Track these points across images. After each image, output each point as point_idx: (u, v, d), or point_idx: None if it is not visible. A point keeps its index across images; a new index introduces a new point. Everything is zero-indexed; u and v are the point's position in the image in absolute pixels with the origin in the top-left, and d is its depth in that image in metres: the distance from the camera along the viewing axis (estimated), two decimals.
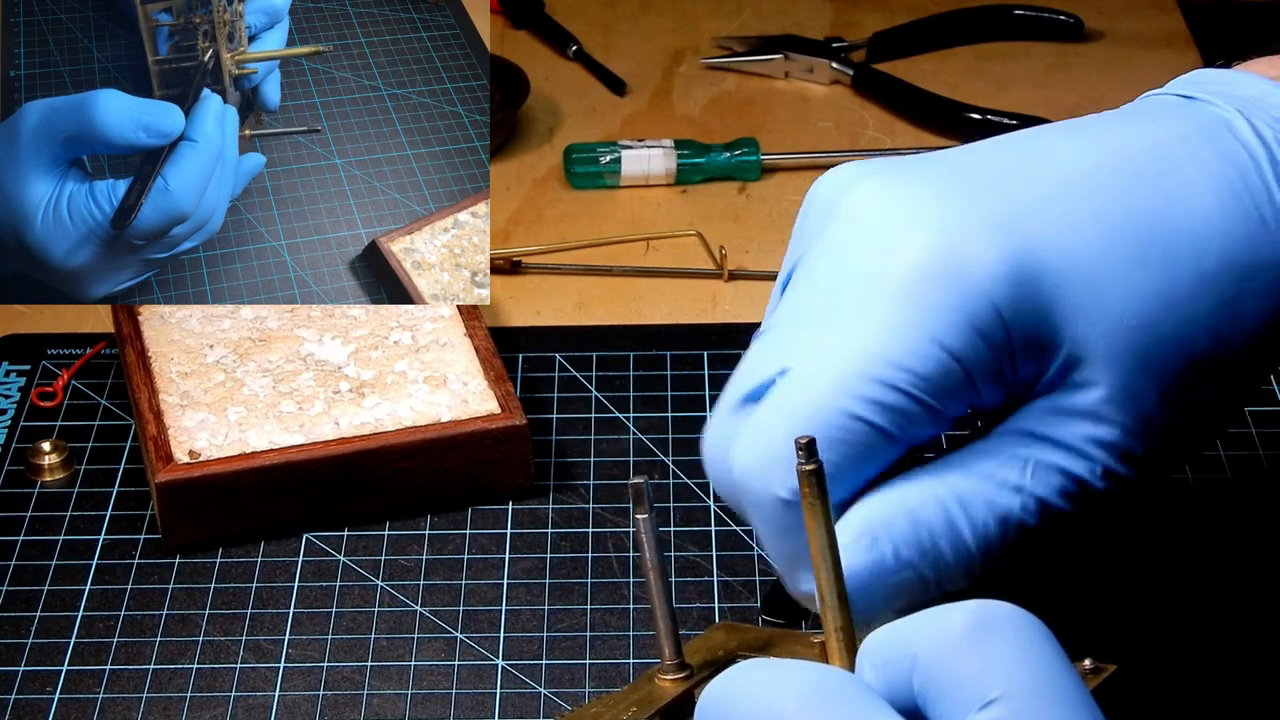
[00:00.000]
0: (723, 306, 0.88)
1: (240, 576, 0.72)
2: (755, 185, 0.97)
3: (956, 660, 0.46)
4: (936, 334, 0.54)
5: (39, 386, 0.82)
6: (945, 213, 0.55)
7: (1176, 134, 0.57)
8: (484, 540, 0.73)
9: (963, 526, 0.55)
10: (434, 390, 0.75)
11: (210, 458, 0.72)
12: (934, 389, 0.54)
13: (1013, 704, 0.44)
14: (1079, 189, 0.56)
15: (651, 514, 0.56)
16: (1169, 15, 1.12)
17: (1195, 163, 0.56)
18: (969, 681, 0.45)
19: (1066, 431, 0.55)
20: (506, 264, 0.90)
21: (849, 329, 0.55)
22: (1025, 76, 1.06)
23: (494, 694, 0.66)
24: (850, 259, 0.56)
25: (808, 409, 0.55)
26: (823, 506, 0.52)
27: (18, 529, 0.74)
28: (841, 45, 1.07)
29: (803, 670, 0.47)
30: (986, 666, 0.45)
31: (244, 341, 0.78)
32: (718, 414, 0.58)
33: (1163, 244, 0.55)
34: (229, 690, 0.66)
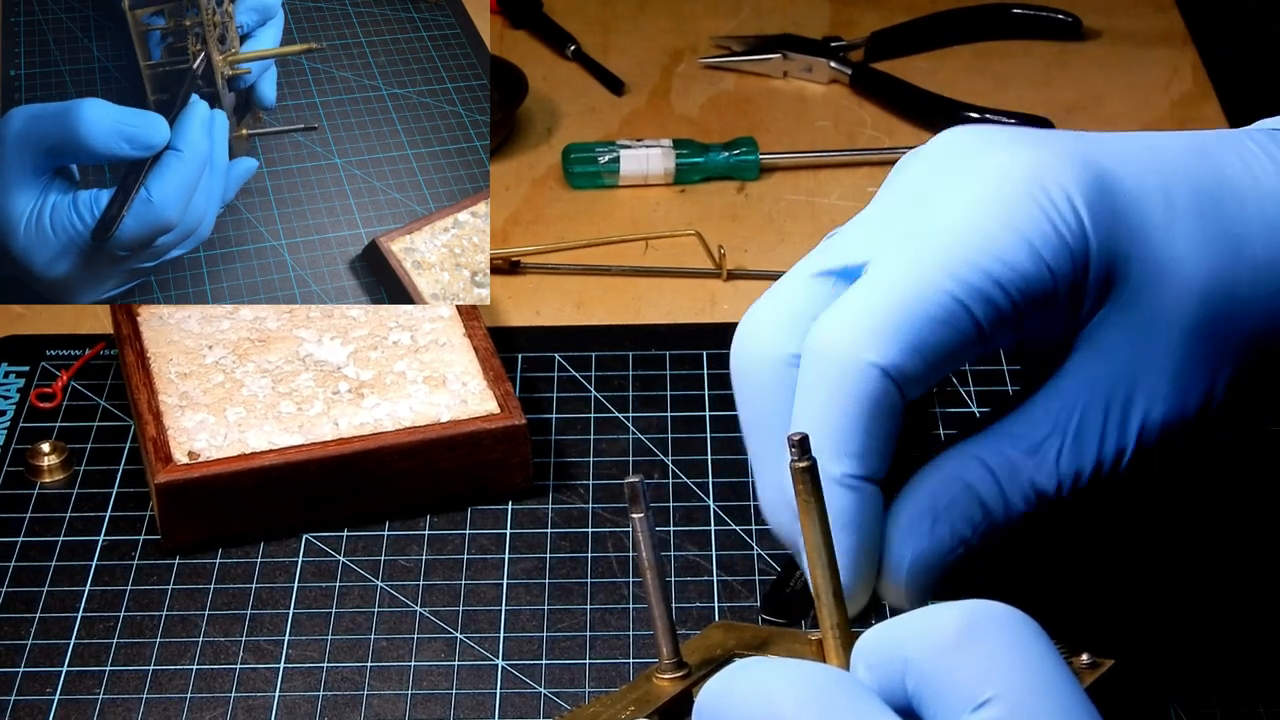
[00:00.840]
0: (721, 306, 0.88)
1: (240, 577, 0.72)
2: (754, 185, 0.97)
3: (949, 661, 0.45)
4: (1031, 238, 0.55)
5: (38, 387, 0.82)
6: (1030, 138, 0.57)
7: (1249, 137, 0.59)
8: (483, 540, 0.73)
9: (1014, 496, 0.55)
10: (433, 390, 0.75)
11: (210, 458, 0.72)
12: (1028, 292, 0.55)
13: (1006, 705, 0.44)
14: (1154, 149, 0.58)
15: (648, 513, 0.56)
16: (1167, 14, 1.12)
17: (1267, 156, 0.58)
18: (962, 683, 0.45)
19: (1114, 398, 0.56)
20: (505, 264, 0.90)
21: (947, 222, 0.55)
22: (1024, 75, 1.06)
23: (494, 694, 0.66)
24: (941, 169, 0.57)
25: (914, 285, 0.54)
26: (817, 504, 0.52)
27: (17, 530, 0.74)
28: (840, 44, 1.07)
29: (799, 669, 0.47)
30: (979, 667, 0.45)
31: (243, 342, 0.78)
32: (791, 281, 0.58)
33: (1229, 206, 0.57)
34: (229, 691, 0.67)
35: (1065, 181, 0.56)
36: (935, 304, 0.54)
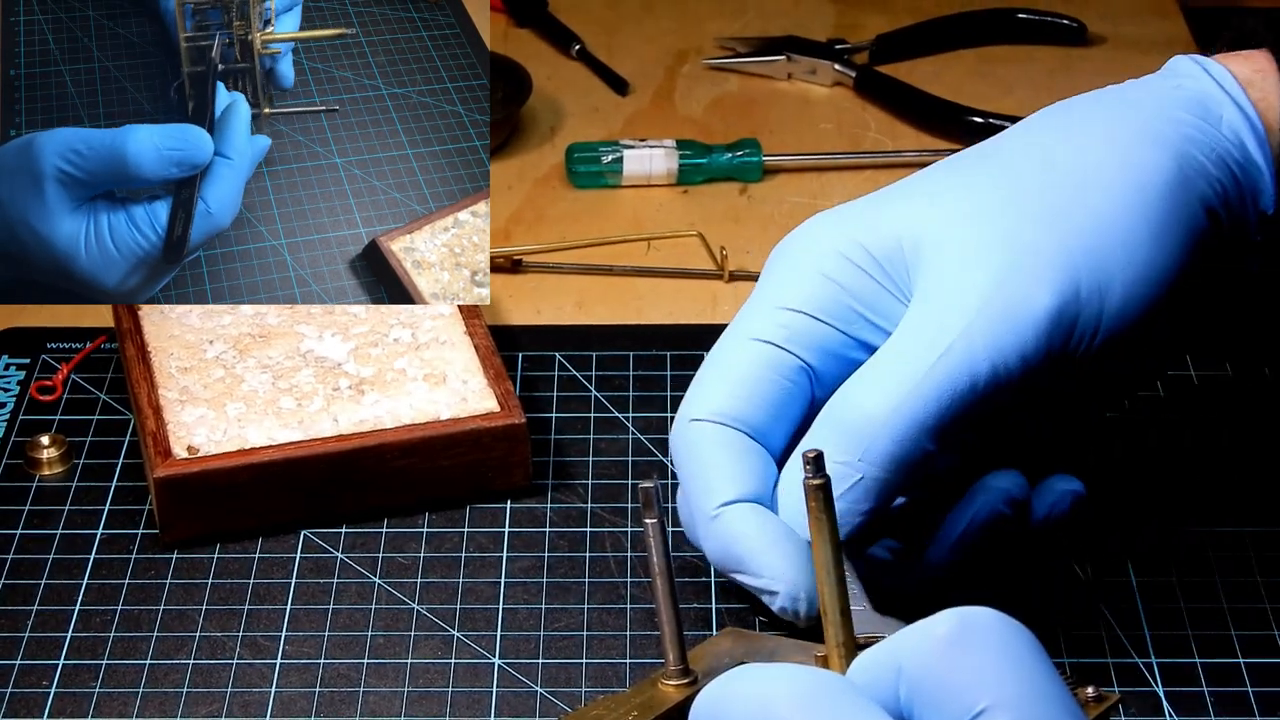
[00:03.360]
0: (723, 307, 0.88)
1: (238, 572, 0.72)
2: (756, 186, 0.97)
3: (942, 670, 0.45)
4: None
5: (38, 380, 0.82)
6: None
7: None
8: (482, 539, 0.73)
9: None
10: (433, 388, 0.75)
11: (209, 453, 0.72)
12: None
13: (1001, 715, 0.44)
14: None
15: (661, 518, 0.55)
16: (1171, 20, 1.12)
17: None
18: (956, 692, 0.45)
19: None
20: (507, 263, 0.90)
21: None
22: (1028, 80, 1.06)
23: (490, 692, 0.66)
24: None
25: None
26: (829, 521, 0.52)
27: (16, 523, 0.74)
28: (844, 47, 1.07)
29: (796, 672, 0.47)
30: (972, 676, 0.45)
31: (244, 337, 0.78)
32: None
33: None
34: (225, 686, 0.66)
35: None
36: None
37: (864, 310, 0.65)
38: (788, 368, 0.65)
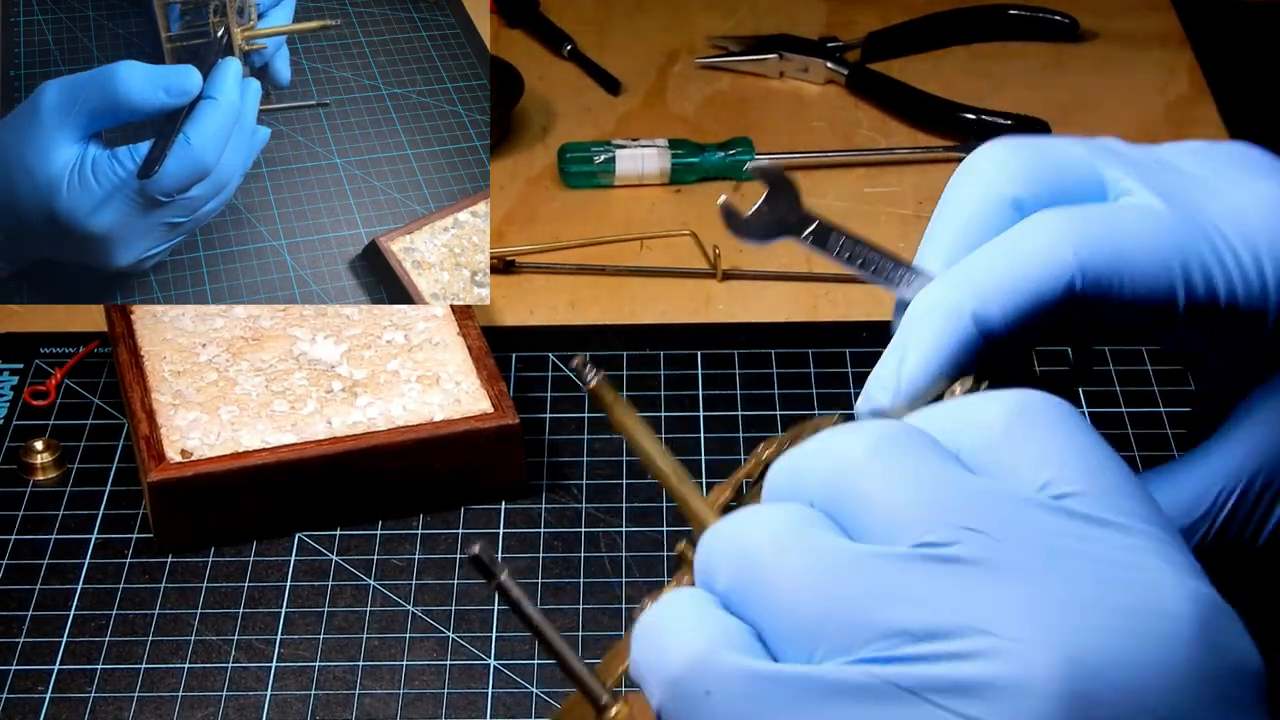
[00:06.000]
0: (716, 306, 0.88)
1: (232, 576, 0.72)
2: (749, 185, 0.97)
3: (1002, 448, 0.45)
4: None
5: (32, 385, 0.82)
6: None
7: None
8: (476, 540, 0.73)
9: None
10: (427, 390, 0.75)
11: (202, 457, 0.72)
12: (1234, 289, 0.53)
13: (1067, 486, 0.43)
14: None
15: (505, 573, 0.52)
16: (1163, 15, 1.12)
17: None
18: (1018, 468, 0.44)
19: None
20: (500, 263, 0.90)
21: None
22: (1020, 76, 1.06)
23: (485, 693, 0.66)
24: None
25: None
26: (626, 405, 0.50)
27: (10, 528, 0.74)
28: (836, 45, 1.07)
29: (869, 424, 0.46)
30: (1037, 450, 0.44)
31: (237, 340, 0.78)
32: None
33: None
34: (220, 689, 0.67)
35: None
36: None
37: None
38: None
